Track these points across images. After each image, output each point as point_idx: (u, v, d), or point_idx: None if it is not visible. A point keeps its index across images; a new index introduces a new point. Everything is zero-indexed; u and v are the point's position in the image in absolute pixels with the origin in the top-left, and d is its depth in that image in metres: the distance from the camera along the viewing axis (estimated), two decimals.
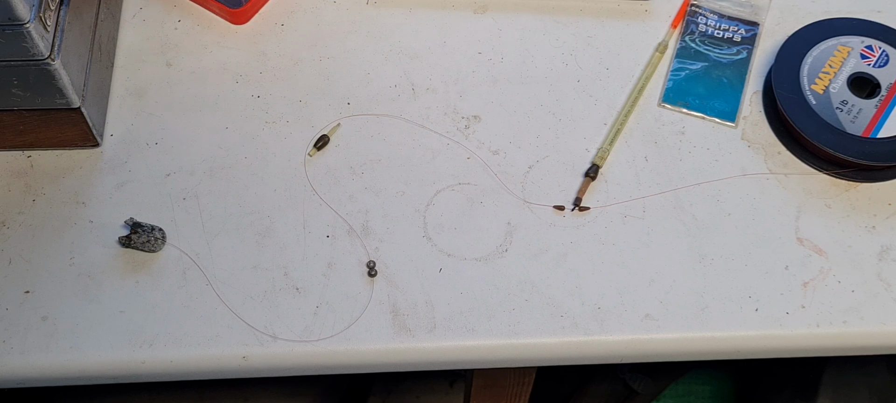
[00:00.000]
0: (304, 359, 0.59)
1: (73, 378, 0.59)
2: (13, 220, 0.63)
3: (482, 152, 0.67)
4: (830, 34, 0.70)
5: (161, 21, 0.73)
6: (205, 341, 0.59)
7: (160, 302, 0.60)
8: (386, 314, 0.60)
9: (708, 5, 0.74)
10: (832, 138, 0.66)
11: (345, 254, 0.62)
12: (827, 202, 0.66)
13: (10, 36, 0.56)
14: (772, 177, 0.67)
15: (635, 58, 0.72)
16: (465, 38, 0.73)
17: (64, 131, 0.64)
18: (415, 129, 0.68)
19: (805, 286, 0.62)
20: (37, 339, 0.59)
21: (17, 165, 0.66)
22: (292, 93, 0.70)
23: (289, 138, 0.67)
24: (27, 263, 0.62)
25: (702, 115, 0.69)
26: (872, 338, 0.61)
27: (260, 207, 0.64)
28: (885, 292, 0.62)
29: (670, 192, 0.66)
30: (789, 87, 0.68)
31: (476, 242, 0.63)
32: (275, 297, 0.61)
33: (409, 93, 0.70)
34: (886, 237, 0.64)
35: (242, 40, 0.72)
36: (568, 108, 0.70)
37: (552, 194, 0.65)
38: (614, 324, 0.60)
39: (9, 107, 0.62)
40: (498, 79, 0.71)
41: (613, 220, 0.64)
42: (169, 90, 0.70)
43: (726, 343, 0.61)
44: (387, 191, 0.65)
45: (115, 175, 0.65)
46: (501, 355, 0.60)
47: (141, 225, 0.62)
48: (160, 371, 0.59)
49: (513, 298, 0.61)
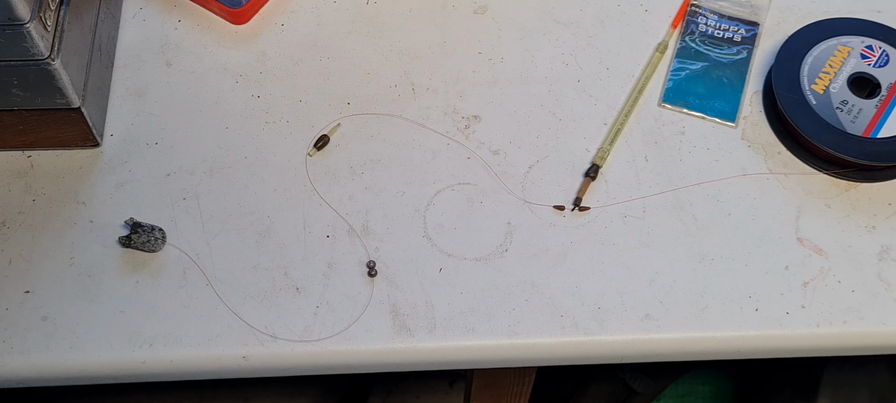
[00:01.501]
0: (304, 359, 0.59)
1: (73, 378, 0.59)
2: (13, 220, 0.63)
3: (482, 152, 0.67)
4: (830, 34, 0.70)
5: (161, 21, 0.73)
6: (205, 341, 0.59)
7: (160, 302, 0.60)
8: (386, 314, 0.60)
9: (708, 5, 0.74)
10: (832, 138, 0.66)
11: (345, 254, 0.62)
12: (827, 202, 0.66)
13: (10, 36, 0.56)
14: (772, 177, 0.67)
15: (635, 58, 0.72)
16: (465, 38, 0.73)
17: (64, 131, 0.64)
18: (415, 129, 0.68)
19: (805, 286, 0.62)
20: (37, 339, 0.59)
21: (17, 165, 0.66)
22: (292, 93, 0.70)
23: (289, 138, 0.67)
24: (27, 263, 0.62)
25: (702, 115, 0.69)
26: (872, 338, 0.61)
27: (260, 207, 0.64)
28: (885, 292, 0.62)
29: (670, 192, 0.66)
30: (789, 87, 0.68)
31: (476, 242, 0.63)
32: (275, 297, 0.61)
33: (409, 93, 0.70)
34: (886, 237, 0.64)
35: (242, 40, 0.72)
36: (568, 108, 0.70)
37: (552, 194, 0.65)
38: (614, 324, 0.60)
39: (9, 107, 0.62)
40: (498, 79, 0.71)
41: (613, 220, 0.64)
42: (169, 90, 0.70)
43: (726, 343, 0.61)
44: (387, 191, 0.65)
45: (115, 175, 0.65)
46: (501, 355, 0.60)
47: (141, 225, 0.62)
48: (160, 371, 0.59)
49: (513, 298, 0.61)
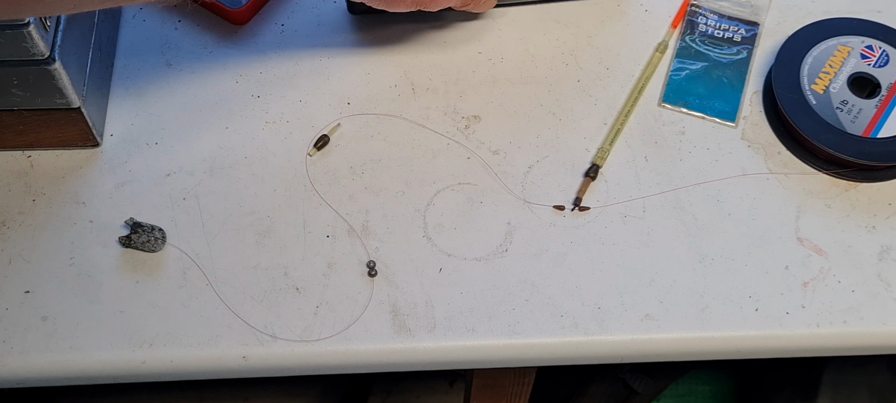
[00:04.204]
0: (304, 359, 0.59)
1: (73, 378, 0.59)
2: (13, 220, 0.63)
3: (482, 152, 0.67)
4: (830, 34, 0.70)
5: (161, 21, 0.73)
6: (205, 341, 0.59)
7: (160, 302, 0.60)
8: (386, 314, 0.60)
9: (708, 5, 0.74)
10: (832, 138, 0.66)
11: (345, 254, 0.62)
12: (827, 202, 0.66)
13: (10, 36, 0.56)
14: (772, 177, 0.67)
15: (635, 58, 0.72)
16: (465, 38, 0.73)
17: (64, 131, 0.64)
18: (415, 129, 0.68)
19: (805, 286, 0.62)
20: (37, 339, 0.59)
21: (17, 165, 0.66)
22: (292, 93, 0.70)
23: (289, 138, 0.67)
24: (27, 263, 0.62)
25: (702, 115, 0.69)
26: (872, 338, 0.61)
27: (260, 207, 0.64)
28: (885, 292, 0.62)
29: (670, 192, 0.66)
30: (789, 87, 0.68)
31: (476, 242, 0.63)
32: (275, 297, 0.61)
33: (409, 93, 0.70)
34: (886, 237, 0.64)
35: (242, 40, 0.72)
36: (568, 108, 0.70)
37: (552, 194, 0.65)
38: (614, 324, 0.60)
39: (9, 107, 0.62)
40: (498, 79, 0.71)
41: (613, 220, 0.64)
42: (169, 90, 0.70)
43: (726, 343, 0.61)
44: (387, 191, 0.65)
45: (115, 175, 0.65)
46: (501, 355, 0.60)
47: (141, 225, 0.62)
48: (160, 371, 0.59)
49: (513, 298, 0.61)
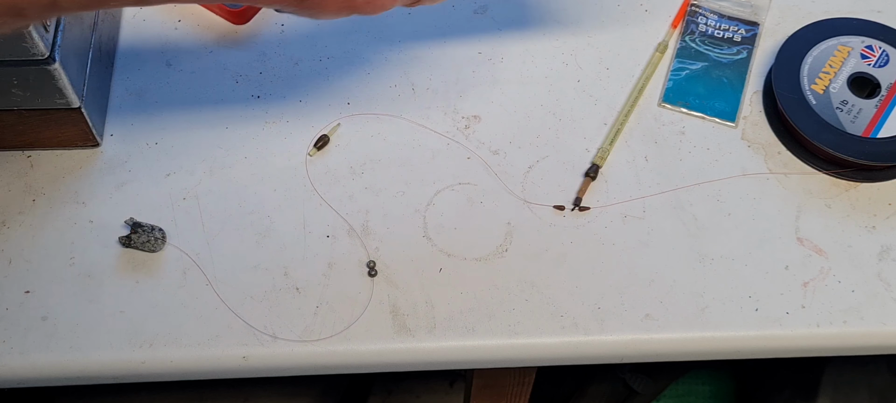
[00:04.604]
0: (304, 359, 0.59)
1: (73, 378, 0.59)
2: (13, 220, 0.63)
3: (482, 152, 0.67)
4: (830, 34, 0.70)
5: (161, 21, 0.73)
6: (205, 341, 0.59)
7: (160, 302, 0.60)
8: (386, 314, 0.60)
9: (708, 5, 0.74)
10: (832, 138, 0.66)
11: (345, 254, 0.62)
12: (827, 202, 0.65)
13: (10, 36, 0.56)
14: (772, 177, 0.67)
15: (635, 58, 0.72)
16: (465, 38, 0.73)
17: (64, 131, 0.64)
18: (415, 129, 0.68)
19: (805, 286, 0.62)
20: (37, 339, 0.59)
21: (17, 165, 0.66)
22: (292, 93, 0.70)
23: (289, 138, 0.67)
24: (27, 263, 0.62)
25: (702, 115, 0.69)
26: (872, 338, 0.61)
27: (260, 207, 0.64)
28: (885, 292, 0.62)
29: (670, 192, 0.66)
30: (789, 87, 0.68)
31: (476, 242, 0.63)
32: (275, 297, 0.60)
33: (409, 93, 0.70)
34: (886, 237, 0.64)
35: (242, 40, 0.72)
36: (568, 108, 0.70)
37: (552, 194, 0.65)
38: (614, 324, 0.60)
39: (9, 107, 0.62)
40: (498, 79, 0.71)
41: (613, 220, 0.64)
42: (169, 90, 0.70)
43: (726, 343, 0.61)
44: (387, 191, 0.65)
45: (115, 175, 0.65)
46: (501, 355, 0.60)
47: (141, 225, 0.62)
48: (160, 371, 0.59)
49: (513, 298, 0.61)
